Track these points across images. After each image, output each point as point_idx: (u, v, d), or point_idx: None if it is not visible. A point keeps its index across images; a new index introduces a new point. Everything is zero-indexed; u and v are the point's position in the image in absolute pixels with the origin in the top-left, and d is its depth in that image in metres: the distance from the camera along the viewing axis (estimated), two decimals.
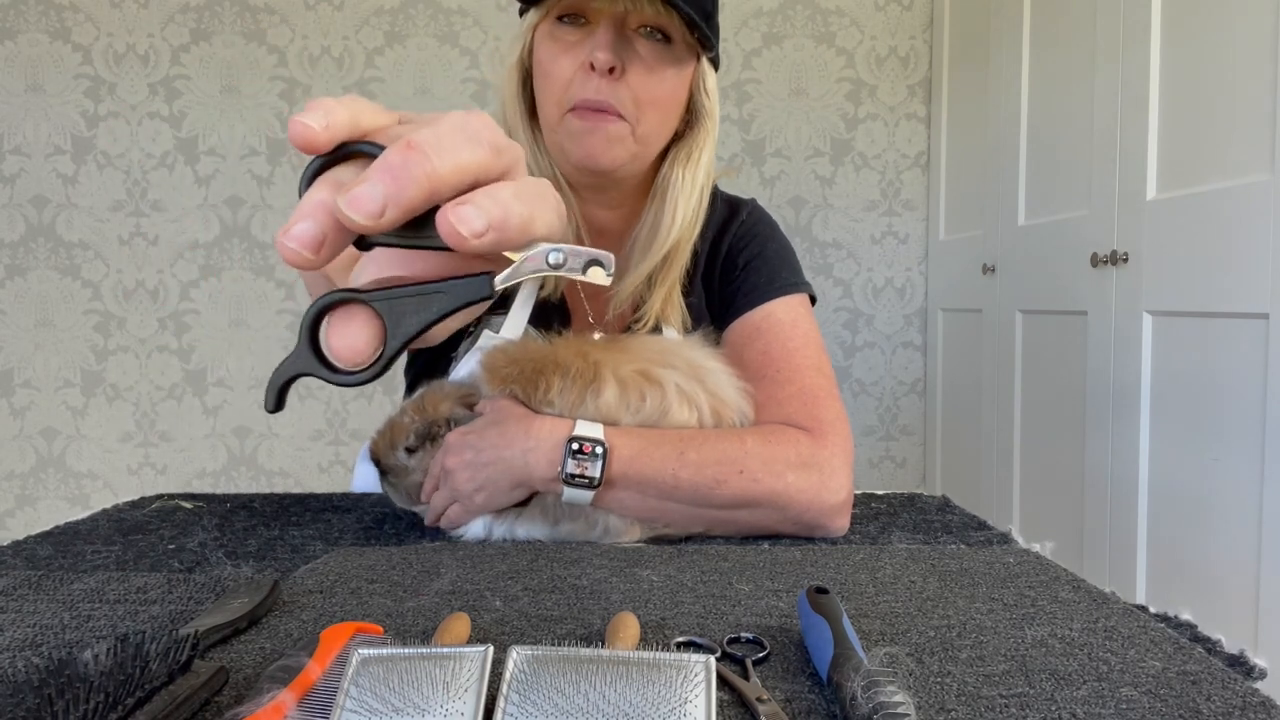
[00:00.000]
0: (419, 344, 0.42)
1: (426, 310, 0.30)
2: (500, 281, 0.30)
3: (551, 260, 0.31)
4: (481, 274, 0.30)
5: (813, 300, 0.93)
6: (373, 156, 0.28)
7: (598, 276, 0.32)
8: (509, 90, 0.88)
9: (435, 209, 0.28)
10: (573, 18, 0.81)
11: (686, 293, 0.94)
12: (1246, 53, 1.29)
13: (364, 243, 0.29)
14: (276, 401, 0.30)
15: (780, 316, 0.88)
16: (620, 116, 0.82)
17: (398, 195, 0.27)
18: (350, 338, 0.29)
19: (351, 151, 0.30)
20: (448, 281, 0.30)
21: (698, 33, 0.80)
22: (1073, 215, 1.77)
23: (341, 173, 0.29)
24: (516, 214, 0.29)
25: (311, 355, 0.29)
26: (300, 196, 0.29)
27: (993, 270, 2.12)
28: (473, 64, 2.46)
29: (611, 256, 0.33)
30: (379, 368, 0.30)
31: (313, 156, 0.30)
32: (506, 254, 0.30)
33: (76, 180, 2.44)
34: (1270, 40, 1.24)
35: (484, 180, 0.30)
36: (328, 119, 0.29)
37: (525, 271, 0.31)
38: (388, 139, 0.30)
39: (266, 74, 2.44)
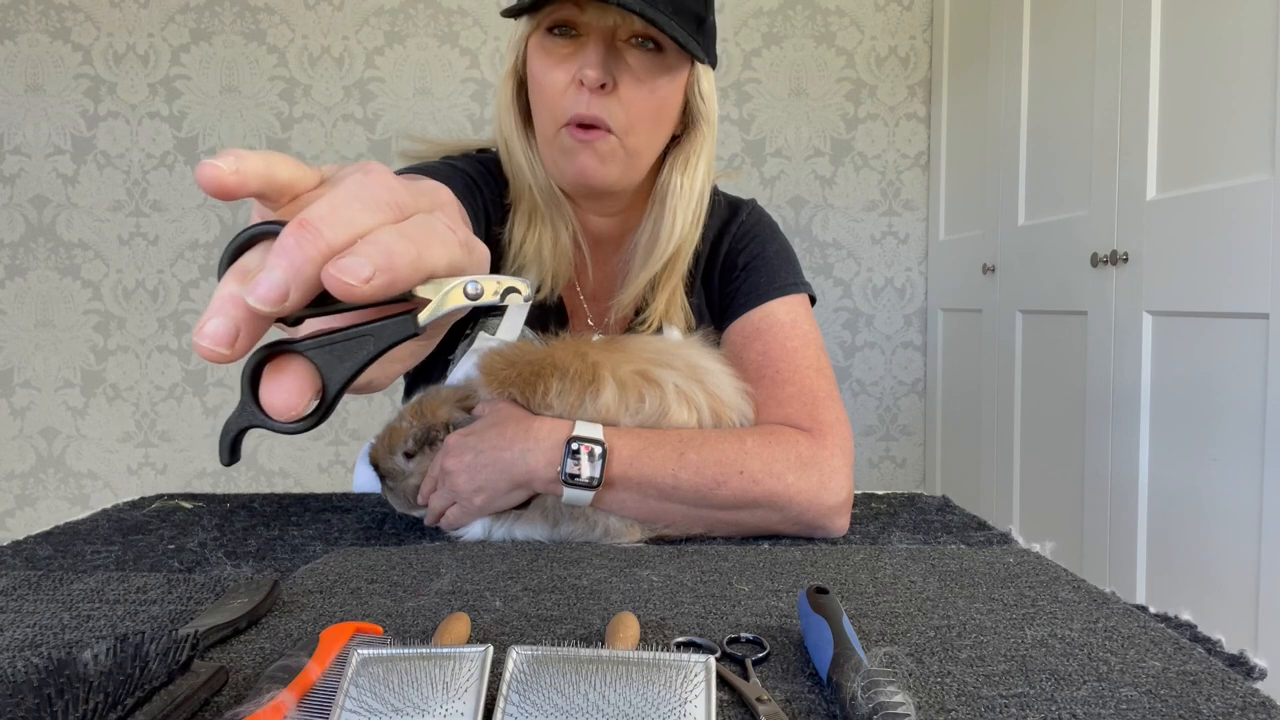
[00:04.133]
0: (366, 389, 0.43)
1: (357, 354, 0.31)
2: (424, 318, 0.31)
3: (469, 291, 0.32)
4: (405, 313, 0.31)
5: (812, 301, 0.93)
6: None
7: (515, 301, 0.33)
8: (503, 99, 0.88)
9: None
10: (563, 29, 0.81)
11: (687, 293, 0.94)
12: (1246, 52, 1.29)
13: (290, 319, 0.30)
14: (230, 455, 0.31)
15: (780, 317, 0.88)
16: (610, 131, 0.81)
17: (296, 277, 0.27)
18: (283, 392, 0.29)
19: (260, 233, 0.30)
20: (373, 324, 0.31)
21: (688, 48, 0.80)
22: (1073, 215, 1.77)
23: (249, 259, 0.29)
24: (402, 253, 0.29)
25: (255, 407, 0.30)
26: (219, 279, 0.29)
27: (993, 270, 2.12)
28: (473, 64, 2.46)
29: (530, 281, 0.34)
30: (320, 414, 0.30)
31: (233, 237, 0.30)
32: (423, 294, 0.31)
33: (76, 180, 2.44)
34: (1270, 40, 1.24)
35: None
36: (239, 164, 0.29)
37: (446, 307, 0.32)
38: (297, 209, 0.30)
39: (266, 74, 2.44)
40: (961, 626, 0.52)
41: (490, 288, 0.32)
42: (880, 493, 0.95)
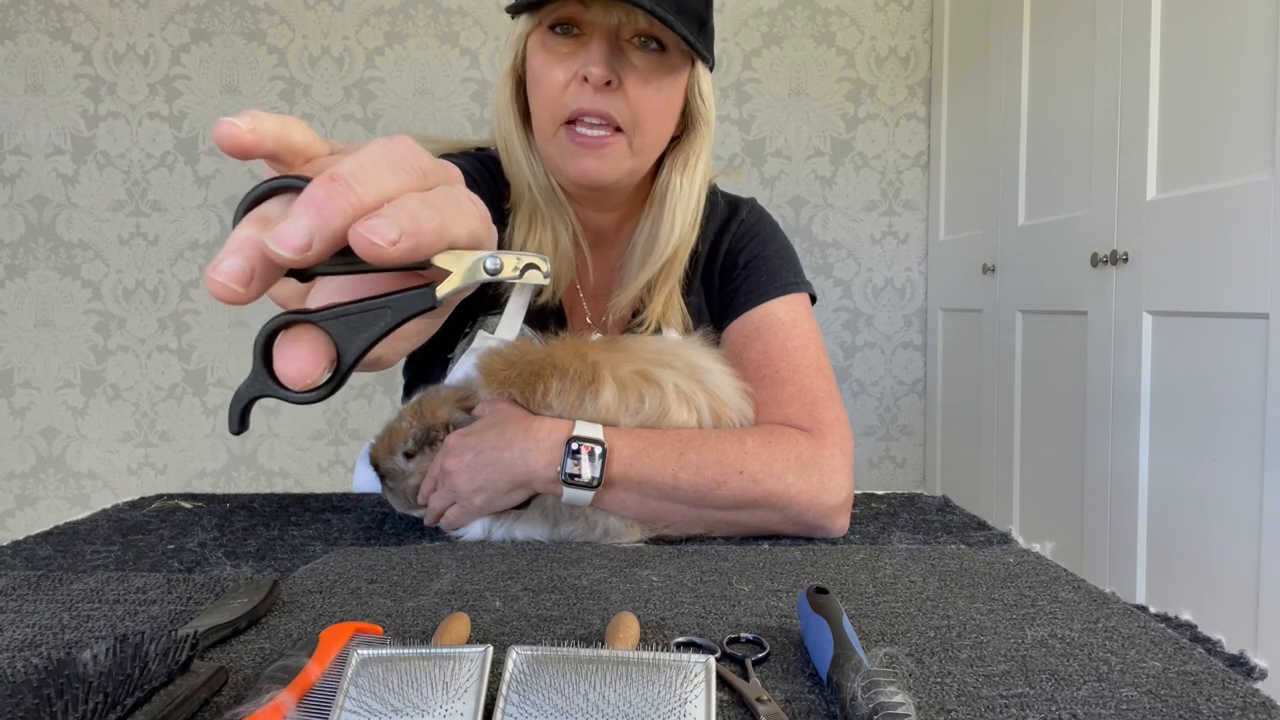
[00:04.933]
0: (373, 366, 0.43)
1: (373, 326, 0.30)
2: (444, 291, 0.31)
3: (489, 266, 0.32)
4: (423, 286, 0.31)
5: (813, 300, 0.93)
6: (300, 190, 0.29)
7: (535, 279, 0.33)
8: (502, 98, 0.87)
9: None
10: (565, 27, 0.80)
11: (685, 293, 0.94)
12: (1246, 52, 1.29)
13: (304, 274, 0.30)
14: (240, 423, 0.31)
15: (780, 316, 0.88)
16: (617, 129, 0.81)
17: (322, 228, 0.27)
18: (298, 361, 0.29)
19: (280, 186, 0.30)
20: (391, 295, 0.31)
21: (695, 47, 0.80)
22: (1073, 215, 1.77)
23: (269, 208, 0.30)
24: (427, 219, 0.29)
25: (268, 377, 0.30)
26: (234, 226, 0.29)
27: (993, 270, 2.12)
28: (473, 64, 2.46)
29: (547, 258, 0.34)
30: (333, 385, 0.30)
31: (247, 192, 0.30)
32: (442, 265, 0.31)
33: (76, 180, 2.44)
34: (1270, 39, 1.24)
35: None
36: (255, 123, 0.29)
37: (464, 281, 0.31)
38: (315, 171, 0.30)
39: (266, 74, 2.44)
40: (961, 626, 0.52)
41: (510, 263, 0.32)
42: (880, 493, 0.95)
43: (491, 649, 0.40)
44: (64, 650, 0.48)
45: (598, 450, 0.70)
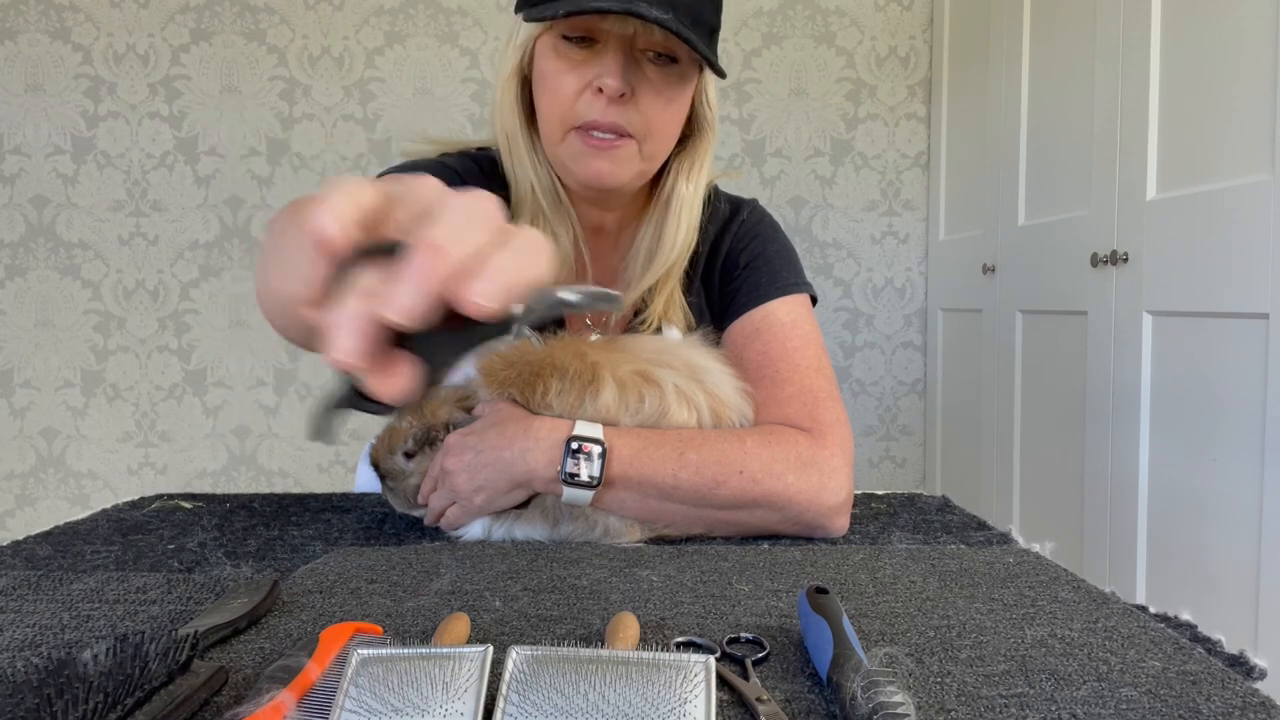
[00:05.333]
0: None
1: (456, 349, 0.34)
2: (520, 323, 0.34)
3: (563, 298, 0.35)
4: (506, 318, 0.34)
5: (813, 301, 0.93)
6: (389, 254, 0.32)
7: (604, 307, 0.36)
8: (506, 98, 0.86)
9: None
10: (580, 36, 0.80)
11: (685, 292, 0.94)
12: (1246, 52, 1.29)
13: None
14: (324, 433, 0.34)
15: (781, 316, 0.88)
16: (629, 135, 0.81)
17: (429, 295, 0.31)
18: (395, 379, 0.32)
19: (370, 250, 0.33)
20: (476, 325, 0.34)
21: (711, 62, 0.80)
22: (1073, 215, 1.77)
23: (367, 280, 0.32)
24: (519, 272, 0.33)
25: (352, 391, 0.33)
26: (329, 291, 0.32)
27: (993, 270, 2.12)
28: (473, 64, 2.46)
29: (620, 295, 0.38)
30: (415, 401, 0.34)
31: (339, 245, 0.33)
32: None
33: (76, 180, 2.44)
34: (1271, 39, 1.24)
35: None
36: (339, 222, 0.32)
37: (540, 315, 0.35)
38: (398, 230, 0.33)
39: (266, 74, 2.44)
40: (961, 626, 0.52)
41: (586, 299, 0.36)
42: (880, 493, 0.95)
43: (491, 649, 0.40)
44: (64, 650, 0.48)
45: (597, 450, 0.70)
